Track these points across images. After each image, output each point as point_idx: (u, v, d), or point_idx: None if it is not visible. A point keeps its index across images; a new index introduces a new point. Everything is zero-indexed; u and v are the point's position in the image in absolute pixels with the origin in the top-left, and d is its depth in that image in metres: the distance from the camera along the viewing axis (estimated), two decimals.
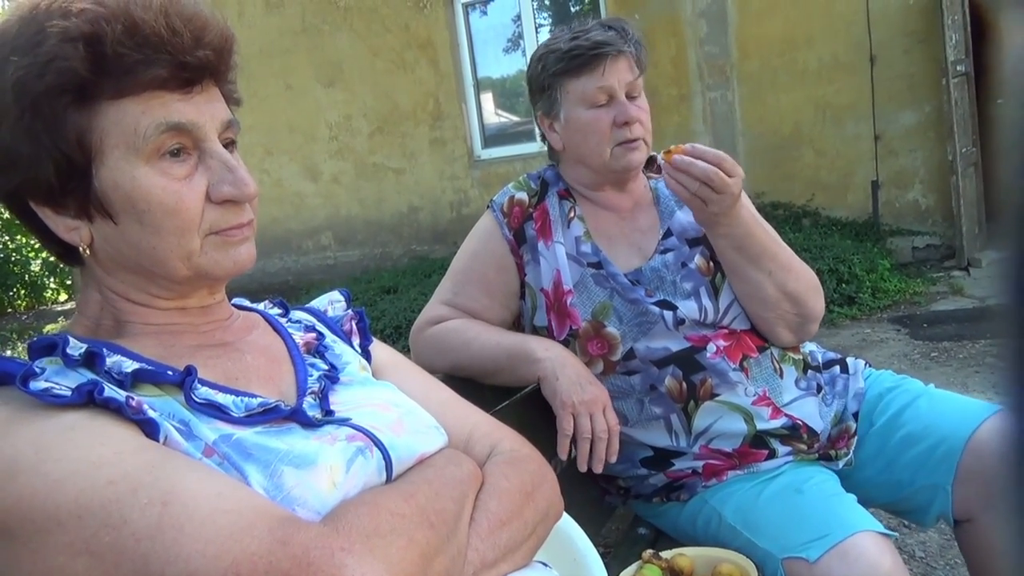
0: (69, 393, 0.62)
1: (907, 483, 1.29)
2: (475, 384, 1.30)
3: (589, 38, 1.30)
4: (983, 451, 1.20)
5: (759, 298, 1.29)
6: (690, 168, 1.18)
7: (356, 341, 0.93)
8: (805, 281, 1.31)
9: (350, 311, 0.95)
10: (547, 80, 1.34)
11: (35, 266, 10.19)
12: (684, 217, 1.38)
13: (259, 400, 0.71)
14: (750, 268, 1.27)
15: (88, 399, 0.61)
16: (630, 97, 1.33)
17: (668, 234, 1.37)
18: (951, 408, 1.30)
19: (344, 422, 0.75)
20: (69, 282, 9.97)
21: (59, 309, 9.90)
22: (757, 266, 1.27)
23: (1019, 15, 0.21)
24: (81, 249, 0.71)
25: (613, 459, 1.25)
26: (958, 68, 4.84)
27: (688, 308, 1.29)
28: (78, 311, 0.77)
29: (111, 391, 0.63)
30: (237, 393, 0.71)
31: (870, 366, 1.47)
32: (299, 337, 0.86)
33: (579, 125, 1.33)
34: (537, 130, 1.46)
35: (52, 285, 10.52)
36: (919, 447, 1.28)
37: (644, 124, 1.34)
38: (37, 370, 0.64)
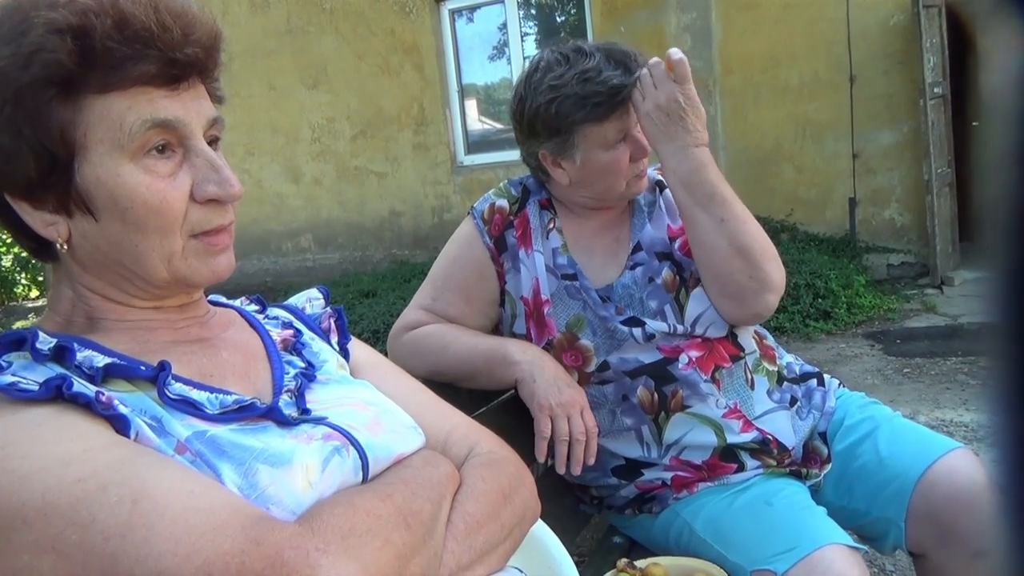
0: (36, 388, 0.60)
1: (863, 512, 1.30)
2: (453, 389, 1.29)
3: (604, 82, 1.24)
4: (932, 492, 1.21)
5: (707, 246, 1.24)
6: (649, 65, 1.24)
7: (334, 339, 0.92)
8: (761, 241, 1.25)
9: (328, 309, 0.95)
10: (563, 126, 1.26)
11: (6, 261, 10.01)
12: (654, 231, 1.38)
13: (234, 397, 0.70)
14: (699, 210, 1.24)
15: (56, 394, 0.60)
16: None
17: (638, 248, 1.36)
18: (908, 443, 1.30)
19: (320, 421, 0.74)
20: (41, 278, 9.80)
21: (30, 306, 9.72)
22: (706, 210, 1.24)
23: (1003, 35, 0.22)
24: (58, 245, 0.70)
25: (591, 461, 1.25)
26: (935, 90, 4.93)
27: (656, 325, 1.29)
28: (49, 307, 0.75)
29: (80, 386, 0.61)
30: (212, 390, 0.70)
31: (843, 386, 1.48)
32: (276, 334, 0.85)
33: (598, 167, 1.28)
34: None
35: (23, 281, 10.33)
36: (874, 479, 1.28)
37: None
38: (3, 364, 0.62)
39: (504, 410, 1.28)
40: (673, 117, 1.22)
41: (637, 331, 1.28)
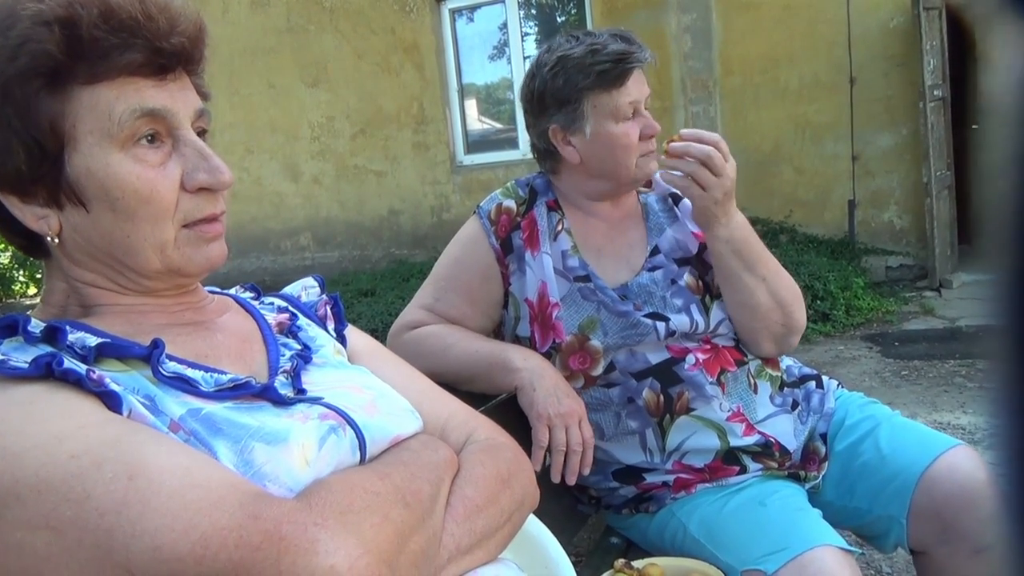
0: (26, 365, 0.60)
1: (865, 511, 1.30)
2: (451, 390, 1.29)
3: (614, 50, 1.26)
4: (935, 489, 1.21)
5: (751, 306, 1.29)
6: (688, 150, 1.22)
7: (331, 326, 0.92)
8: (793, 290, 1.34)
9: (324, 296, 0.95)
10: (572, 94, 1.28)
11: (4, 258, 10.00)
12: (674, 235, 1.37)
13: (229, 376, 0.70)
14: (747, 274, 1.28)
15: (47, 371, 0.60)
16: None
17: (656, 251, 1.36)
18: (910, 440, 1.30)
19: (316, 400, 0.74)
20: (39, 275, 9.79)
21: (27, 303, 9.72)
22: (753, 272, 1.28)
23: (1004, 38, 0.21)
24: (49, 239, 0.69)
25: (587, 471, 1.25)
26: (935, 92, 4.93)
27: (679, 321, 1.29)
28: (42, 301, 0.75)
29: (71, 363, 0.61)
30: (207, 369, 0.70)
31: (842, 387, 1.48)
32: (271, 317, 0.85)
33: (609, 139, 1.29)
34: (524, 138, 1.43)
35: (21, 278, 10.32)
36: (876, 477, 1.29)
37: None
38: None
39: (504, 409, 1.27)
40: (729, 196, 1.25)
41: (661, 325, 1.27)
